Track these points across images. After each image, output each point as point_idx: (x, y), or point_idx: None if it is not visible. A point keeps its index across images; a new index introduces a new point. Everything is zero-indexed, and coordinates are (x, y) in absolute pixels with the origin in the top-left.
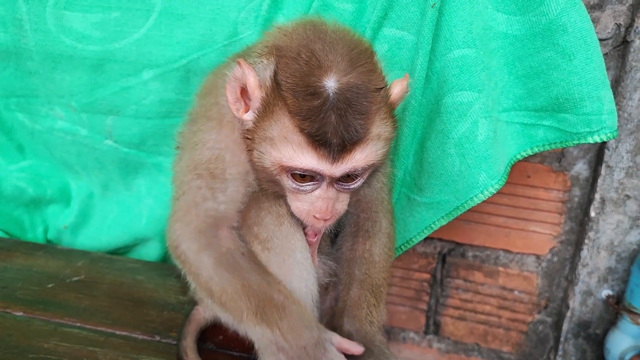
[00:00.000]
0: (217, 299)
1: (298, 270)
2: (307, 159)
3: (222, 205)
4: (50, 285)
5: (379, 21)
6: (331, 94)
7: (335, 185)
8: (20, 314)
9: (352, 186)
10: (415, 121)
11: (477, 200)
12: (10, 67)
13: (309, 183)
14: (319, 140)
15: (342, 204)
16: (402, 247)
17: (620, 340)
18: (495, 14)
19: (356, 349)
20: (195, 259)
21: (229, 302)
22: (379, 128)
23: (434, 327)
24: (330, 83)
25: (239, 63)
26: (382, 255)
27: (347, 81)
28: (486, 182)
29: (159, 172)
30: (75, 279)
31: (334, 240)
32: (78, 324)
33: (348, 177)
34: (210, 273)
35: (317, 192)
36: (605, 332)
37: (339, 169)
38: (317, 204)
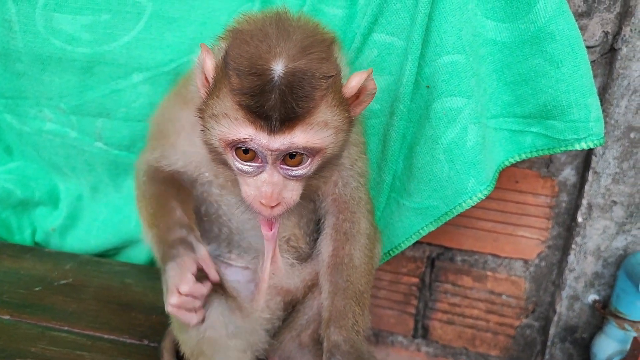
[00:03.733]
0: (139, 204)
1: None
2: (245, 129)
3: (164, 161)
4: (37, 289)
5: (369, 26)
6: (275, 77)
7: (280, 170)
8: (7, 317)
9: (298, 172)
10: (405, 126)
11: (465, 206)
12: None
13: (252, 163)
14: (256, 113)
15: (291, 192)
16: (391, 252)
17: (606, 345)
18: (485, 21)
19: (213, 274)
20: (138, 179)
21: (144, 209)
22: (326, 115)
23: (422, 331)
24: (277, 67)
25: (201, 47)
26: (363, 259)
27: (293, 66)
28: (475, 188)
29: None
30: (63, 282)
31: (314, 243)
32: (66, 328)
33: (293, 160)
34: (142, 187)
35: (262, 176)
36: (592, 337)
37: (276, 142)
38: (262, 189)
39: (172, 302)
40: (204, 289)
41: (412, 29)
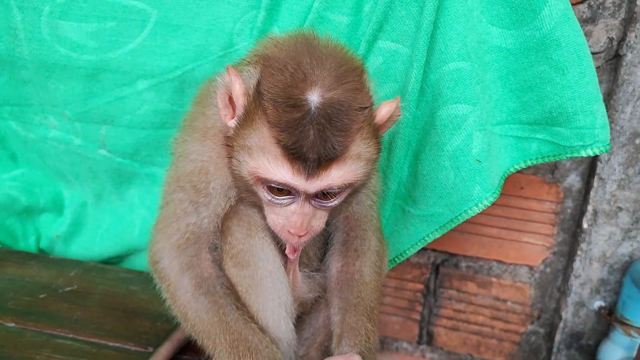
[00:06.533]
0: (191, 325)
1: (270, 281)
2: (282, 172)
3: (205, 220)
4: (42, 296)
5: (374, 34)
6: (312, 108)
7: (312, 202)
8: (12, 324)
9: (329, 204)
10: (410, 134)
11: (471, 213)
12: (4, 75)
13: (285, 197)
14: (294, 154)
15: (318, 221)
16: (396, 259)
17: (612, 352)
18: (490, 28)
19: (352, 358)
20: (175, 279)
21: (203, 332)
22: (359, 147)
23: (427, 337)
24: (313, 97)
25: (227, 69)
26: (373, 275)
27: (330, 97)
28: (480, 195)
29: (153, 182)
30: (67, 289)
31: (322, 256)
32: (70, 335)
33: (325, 194)
34: (189, 298)
35: (292, 207)
36: (598, 343)
37: (313, 185)
38: (292, 219)
39: None
40: None
41: (417, 36)
